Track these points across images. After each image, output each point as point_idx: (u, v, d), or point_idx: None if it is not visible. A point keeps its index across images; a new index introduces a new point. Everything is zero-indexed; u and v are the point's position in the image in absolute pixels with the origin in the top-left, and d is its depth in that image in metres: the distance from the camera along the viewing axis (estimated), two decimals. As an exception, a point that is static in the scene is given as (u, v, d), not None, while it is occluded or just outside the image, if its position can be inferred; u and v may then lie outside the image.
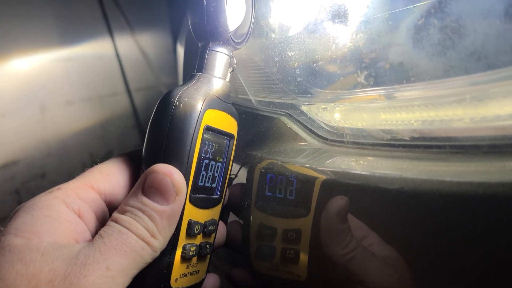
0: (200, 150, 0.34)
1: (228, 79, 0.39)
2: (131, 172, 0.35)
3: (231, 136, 0.39)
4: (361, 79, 0.37)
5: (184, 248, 0.35)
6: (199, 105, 0.34)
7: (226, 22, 0.36)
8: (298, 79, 0.43)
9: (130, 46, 1.76)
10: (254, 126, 0.48)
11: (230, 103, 0.39)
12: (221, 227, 0.42)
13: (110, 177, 0.34)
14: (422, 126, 0.35)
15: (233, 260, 0.49)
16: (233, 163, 0.41)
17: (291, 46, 0.43)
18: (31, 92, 1.38)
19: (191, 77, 0.37)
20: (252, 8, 0.41)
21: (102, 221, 0.33)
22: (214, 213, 0.38)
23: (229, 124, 0.38)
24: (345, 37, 0.38)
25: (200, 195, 0.36)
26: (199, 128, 0.34)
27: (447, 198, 0.29)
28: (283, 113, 0.46)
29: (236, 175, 0.45)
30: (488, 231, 0.27)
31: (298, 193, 0.38)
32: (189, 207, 0.35)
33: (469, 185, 0.28)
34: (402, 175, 0.32)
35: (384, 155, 0.37)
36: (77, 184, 0.33)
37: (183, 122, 0.33)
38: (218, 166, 0.38)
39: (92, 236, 0.31)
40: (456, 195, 0.28)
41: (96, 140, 1.64)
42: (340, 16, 0.38)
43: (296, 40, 0.42)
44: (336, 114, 0.42)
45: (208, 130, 0.35)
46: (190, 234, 0.35)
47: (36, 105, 1.40)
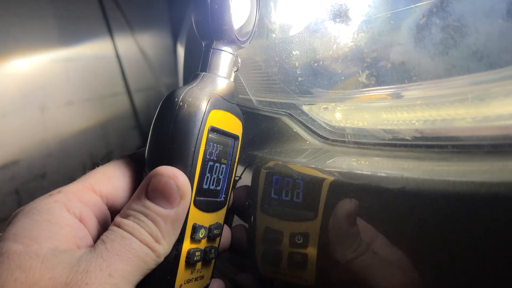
0: (204, 151, 0.34)
1: (233, 79, 0.38)
2: (134, 174, 0.34)
3: (235, 137, 0.38)
4: (362, 79, 0.37)
5: (188, 253, 0.34)
6: (203, 105, 0.33)
7: (231, 20, 0.35)
8: (299, 79, 0.42)
9: (130, 46, 1.76)
10: (255, 126, 0.47)
11: (235, 103, 0.38)
12: (225, 231, 0.41)
13: (112, 179, 0.33)
14: (424, 125, 0.35)
15: (238, 265, 0.48)
16: (237, 165, 0.40)
17: (292, 45, 0.43)
18: (31, 92, 1.39)
19: (195, 76, 0.36)
20: (256, 6, 0.39)
21: (104, 225, 0.32)
22: (219, 216, 0.38)
23: (234, 125, 0.38)
24: (346, 36, 0.38)
25: (205, 198, 0.35)
26: (204, 129, 0.33)
27: (449, 198, 0.28)
28: (284, 113, 0.46)
29: (240, 177, 0.44)
30: (490, 231, 0.27)
31: (305, 195, 0.37)
32: (193, 211, 0.34)
33: (471, 184, 0.28)
34: (404, 174, 0.32)
35: (386, 155, 0.37)
36: (78, 187, 0.32)
37: (188, 122, 0.32)
38: (223, 168, 0.37)
39: (94, 241, 0.30)
40: (458, 195, 0.28)
41: (96, 141, 1.64)
42: (341, 15, 0.38)
43: (297, 40, 0.42)
44: (337, 114, 0.42)
45: (213, 131, 0.34)
46: (195, 238, 0.34)
47: (36, 105, 1.41)
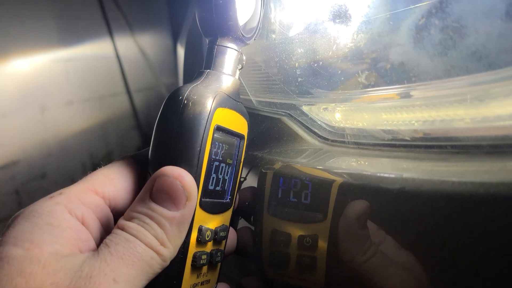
0: (210, 151, 0.32)
1: (238, 76, 0.37)
2: (137, 175, 0.33)
3: (241, 137, 0.37)
4: (362, 80, 0.37)
5: (194, 256, 0.33)
6: (209, 103, 0.32)
7: (236, 15, 0.34)
8: (299, 80, 0.43)
9: (130, 46, 1.76)
10: (255, 127, 0.47)
11: (240, 102, 0.37)
12: (231, 234, 0.40)
13: (115, 181, 0.32)
14: (423, 126, 0.35)
15: (244, 268, 0.48)
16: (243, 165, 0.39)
17: (292, 46, 0.43)
18: (31, 92, 1.39)
19: (199, 74, 0.35)
20: (261, 1, 0.38)
21: (106, 228, 0.31)
22: (224, 218, 0.37)
23: (239, 123, 0.37)
24: (346, 37, 0.38)
25: (211, 200, 0.34)
26: (210, 127, 0.32)
27: (448, 198, 0.28)
28: (283, 113, 0.46)
29: (245, 178, 0.43)
30: (489, 232, 0.27)
31: (314, 196, 0.37)
32: (199, 213, 0.33)
33: (470, 185, 0.28)
34: (403, 175, 0.32)
35: (385, 155, 0.37)
36: (80, 188, 0.31)
37: (193, 121, 0.31)
38: (228, 168, 0.36)
39: (97, 244, 0.29)
40: (458, 195, 0.28)
41: (96, 141, 1.64)
42: (341, 16, 0.38)
43: (297, 40, 0.42)
44: (337, 114, 0.42)
45: (219, 130, 0.33)
46: (201, 241, 0.33)
47: (36, 105, 1.40)
